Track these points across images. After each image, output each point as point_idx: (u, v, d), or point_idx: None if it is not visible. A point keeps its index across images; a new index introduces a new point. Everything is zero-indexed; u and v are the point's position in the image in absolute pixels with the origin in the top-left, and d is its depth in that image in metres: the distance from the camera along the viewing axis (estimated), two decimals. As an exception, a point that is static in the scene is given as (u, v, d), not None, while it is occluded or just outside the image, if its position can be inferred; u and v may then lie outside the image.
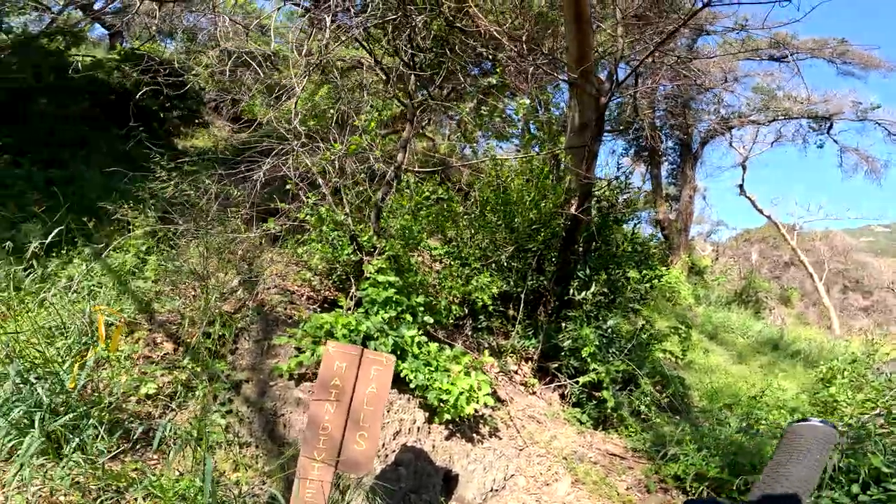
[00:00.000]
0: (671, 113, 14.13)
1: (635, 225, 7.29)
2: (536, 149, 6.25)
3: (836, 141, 16.19)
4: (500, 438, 3.49)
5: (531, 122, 6.97)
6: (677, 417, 4.31)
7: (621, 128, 13.43)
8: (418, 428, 3.31)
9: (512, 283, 5.67)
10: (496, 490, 2.99)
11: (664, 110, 14.03)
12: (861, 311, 27.12)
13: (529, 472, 3.16)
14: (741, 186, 21.24)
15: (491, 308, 5.30)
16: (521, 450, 3.39)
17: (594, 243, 6.16)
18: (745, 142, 19.27)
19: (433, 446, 3.21)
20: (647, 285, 6.55)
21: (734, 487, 2.71)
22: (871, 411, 4.18)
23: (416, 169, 4.78)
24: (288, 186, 4.17)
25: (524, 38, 5.22)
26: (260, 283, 4.43)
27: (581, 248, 6.05)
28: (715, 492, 2.79)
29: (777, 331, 11.29)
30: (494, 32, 4.71)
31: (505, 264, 5.76)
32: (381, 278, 4.16)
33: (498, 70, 5.55)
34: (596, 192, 5.94)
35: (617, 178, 6.27)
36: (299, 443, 3.12)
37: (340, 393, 2.27)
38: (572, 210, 5.37)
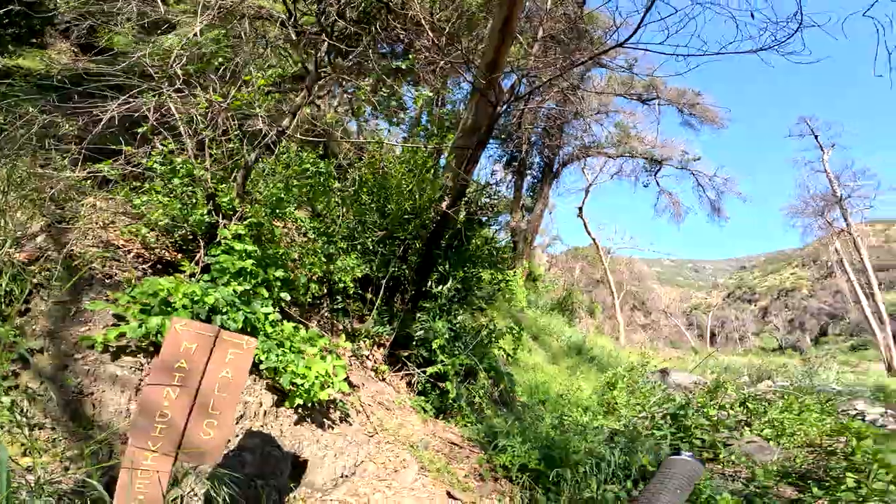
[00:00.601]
0: (547, 132, 15.59)
1: (496, 230, 7.97)
2: (424, 140, 6.35)
3: (658, 183, 19.79)
4: (351, 424, 3.51)
5: (425, 113, 7.02)
6: (505, 410, 4.88)
7: (503, 136, 14.36)
8: (265, 412, 3.14)
9: (374, 267, 5.71)
10: (346, 476, 3.01)
11: (542, 128, 15.41)
12: (641, 327, 34.07)
13: (379, 458, 3.25)
14: (580, 209, 24.79)
15: (351, 290, 5.27)
16: (371, 436, 3.47)
17: (456, 241, 6.56)
18: (594, 170, 22.44)
19: (281, 431, 3.08)
20: (496, 287, 7.27)
21: (549, 478, 3.22)
22: (640, 414, 5.32)
23: (301, 136, 4.46)
24: (142, 129, 3.52)
25: (446, 31, 5.25)
26: (74, 230, 3.66)
27: (445, 244, 6.38)
28: (534, 482, 3.26)
29: (582, 338, 13.37)
30: (422, 19, 4.64)
31: (371, 248, 5.77)
32: (237, 246, 3.81)
33: (411, 56, 5.48)
34: (468, 193, 6.31)
35: (488, 183, 6.75)
36: (114, 426, 2.71)
37: (186, 377, 2.04)
38: (443, 206, 5.61)
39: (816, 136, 24.25)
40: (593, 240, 26.55)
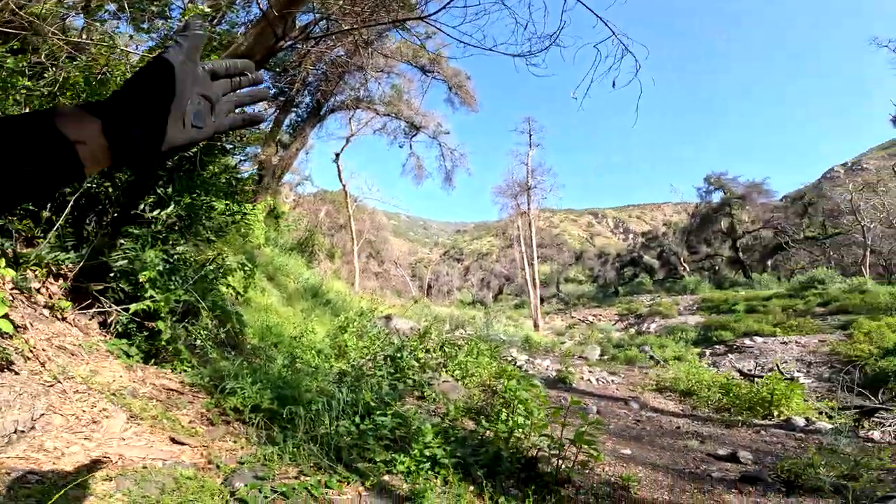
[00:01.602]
0: (326, 77, 14.76)
1: (241, 160, 7.19)
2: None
3: (411, 146, 21.86)
4: (18, 373, 2.61)
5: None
6: (233, 353, 4.56)
7: (277, 69, 12.78)
8: None
9: (59, 180, 4.37)
10: (22, 432, 2.25)
11: (323, 72, 14.47)
12: (374, 275, 36.94)
13: (68, 410, 2.56)
14: (338, 155, 24.77)
15: (19, 204, 3.89)
16: (50, 386, 2.68)
17: (188, 164, 5.70)
18: (359, 122, 22.66)
19: None
20: (230, 219, 6.66)
21: (284, 417, 3.25)
22: (366, 356, 5.88)
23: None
24: None
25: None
26: None
27: (172, 165, 5.48)
28: (269, 422, 3.22)
29: (319, 280, 13.63)
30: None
31: (59, 157, 4.37)
32: None
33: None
34: (216, 119, 5.47)
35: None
36: None
37: None
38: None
39: (530, 135, 31.04)
40: (343, 186, 27.00)
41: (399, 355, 5.46)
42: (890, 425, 6.41)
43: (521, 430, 3.80)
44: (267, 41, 4.43)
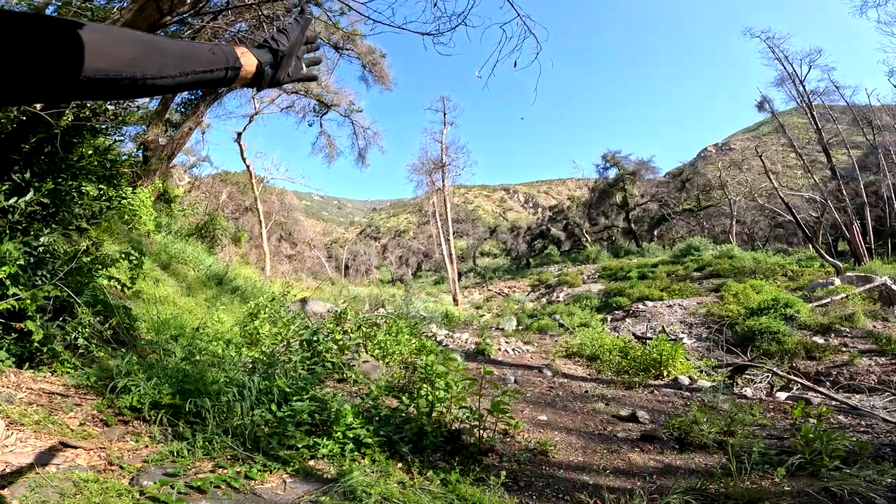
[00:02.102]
0: None
1: (117, 140, 6.49)
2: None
3: (321, 125, 21.02)
4: None
5: (59, 3, 4.71)
6: (123, 349, 4.10)
7: None
8: None
9: None
10: None
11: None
12: (287, 257, 35.08)
13: None
14: (240, 135, 22.93)
15: None
16: None
17: (51, 147, 5.04)
18: (264, 101, 21.09)
19: None
20: (107, 204, 6.00)
21: (188, 411, 3.00)
22: (280, 342, 5.61)
23: None
24: None
25: None
26: None
27: (30, 149, 4.84)
28: (174, 418, 2.95)
29: (224, 267, 12.65)
30: None
31: None
32: None
33: None
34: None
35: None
36: None
37: None
38: (38, 107, 4.16)
39: (445, 114, 31.22)
40: (248, 167, 25.15)
41: (315, 339, 5.29)
42: (760, 381, 7.14)
43: (441, 403, 3.88)
44: (151, 16, 3.91)
